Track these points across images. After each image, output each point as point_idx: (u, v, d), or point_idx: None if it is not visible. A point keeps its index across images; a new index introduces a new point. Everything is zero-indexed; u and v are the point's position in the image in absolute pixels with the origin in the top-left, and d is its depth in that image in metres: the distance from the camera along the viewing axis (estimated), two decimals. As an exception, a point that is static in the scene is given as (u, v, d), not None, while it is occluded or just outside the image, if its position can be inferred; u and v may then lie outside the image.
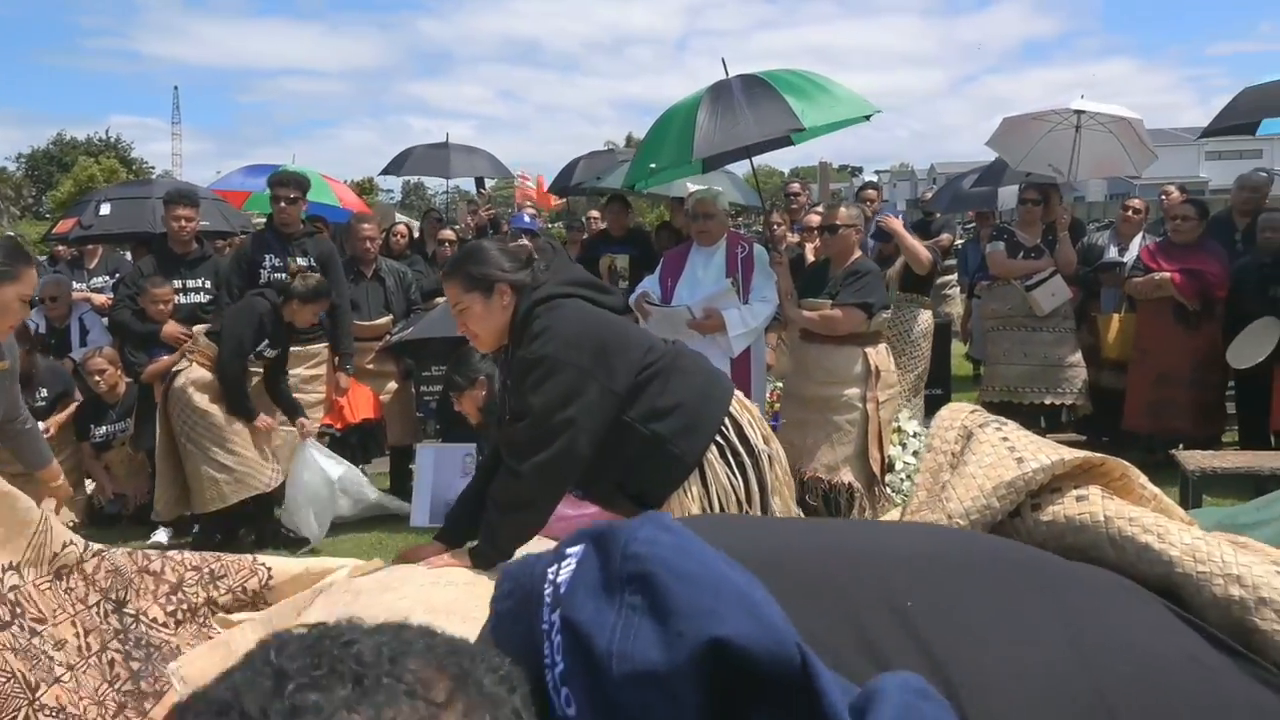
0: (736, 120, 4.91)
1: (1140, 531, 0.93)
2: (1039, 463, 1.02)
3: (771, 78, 5.21)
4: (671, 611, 0.45)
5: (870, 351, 4.83)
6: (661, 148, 5.26)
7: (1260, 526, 2.78)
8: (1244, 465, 4.26)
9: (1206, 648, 0.81)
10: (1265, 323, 5.61)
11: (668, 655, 0.44)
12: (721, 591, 0.46)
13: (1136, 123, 6.41)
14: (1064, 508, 1.00)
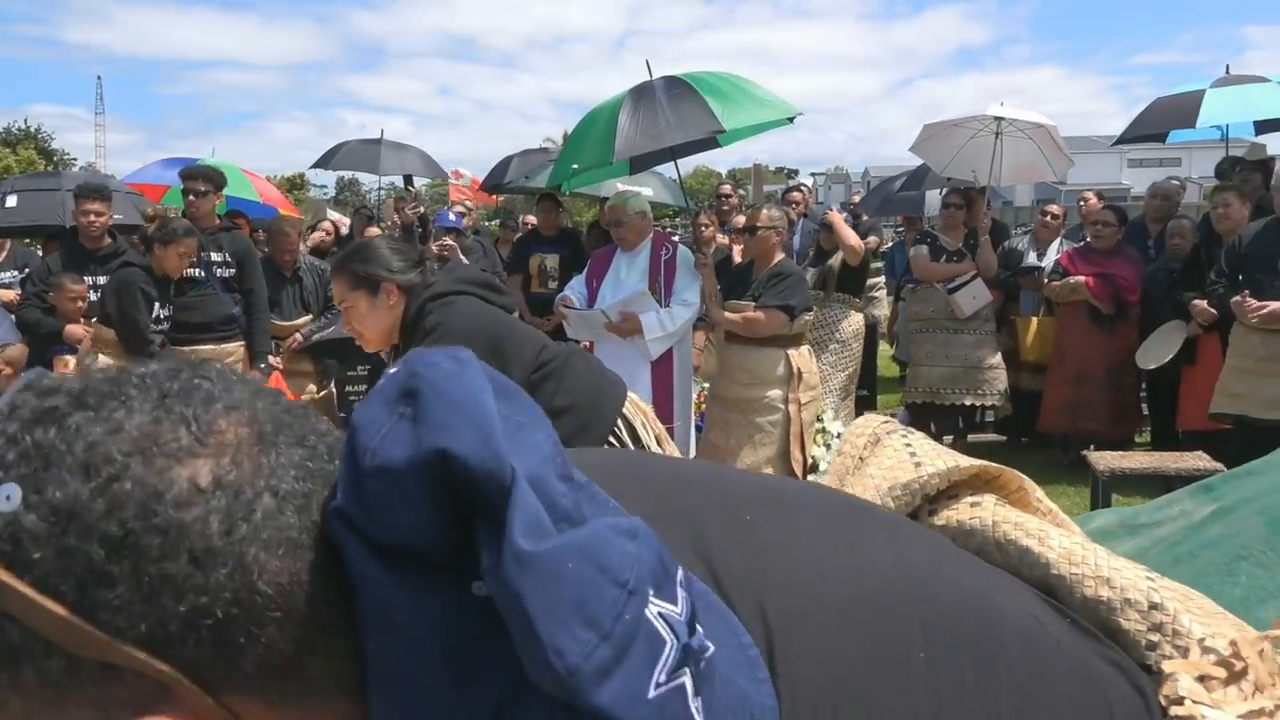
0: (657, 121, 4.95)
1: (1023, 535, 0.96)
2: (935, 468, 1.03)
3: (694, 80, 5.25)
4: (422, 421, 0.51)
5: (792, 353, 4.86)
6: (584, 148, 5.29)
7: (1157, 526, 2.86)
8: (1151, 466, 4.38)
9: (1052, 614, 0.82)
10: (1172, 326, 5.78)
11: (406, 456, 0.50)
12: (465, 412, 0.51)
13: (1053, 129, 6.57)
14: (957, 513, 1.02)
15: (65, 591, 0.48)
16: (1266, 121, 7.12)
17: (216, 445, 0.52)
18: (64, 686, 0.50)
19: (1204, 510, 2.71)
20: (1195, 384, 5.66)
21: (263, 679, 0.52)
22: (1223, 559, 2.45)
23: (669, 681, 0.51)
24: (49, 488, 0.49)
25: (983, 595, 0.77)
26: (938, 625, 0.69)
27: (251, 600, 0.50)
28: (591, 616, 0.49)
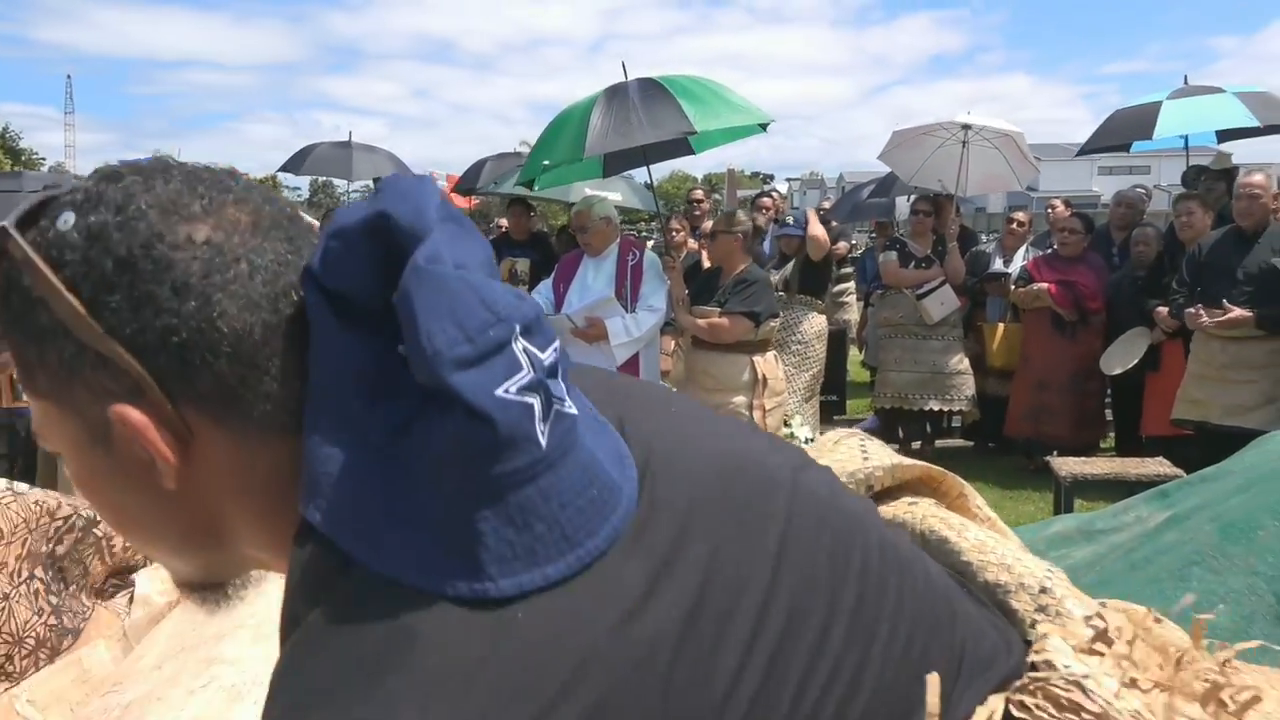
0: (629, 120, 4.98)
1: (944, 528, 1.03)
2: (881, 463, 1.14)
3: (668, 82, 5.27)
4: (374, 196, 0.67)
5: (758, 360, 4.87)
6: (556, 146, 5.30)
7: (1114, 532, 2.88)
8: (1112, 472, 4.41)
9: (943, 574, 0.90)
10: (1136, 332, 5.83)
11: (357, 218, 0.65)
12: (409, 194, 0.65)
13: (1019, 136, 6.62)
14: (894, 509, 1.09)
15: (83, 290, 0.65)
16: (1229, 130, 7.20)
17: (217, 219, 0.67)
18: (73, 369, 0.67)
19: (1159, 517, 2.74)
20: (1159, 390, 5.71)
21: (213, 401, 0.67)
22: (1176, 565, 2.47)
23: (519, 396, 0.63)
24: (90, 216, 0.66)
25: (864, 514, 0.86)
26: (805, 515, 0.78)
27: (211, 334, 0.65)
28: (462, 322, 0.62)
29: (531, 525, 0.64)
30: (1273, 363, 4.94)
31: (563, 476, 0.66)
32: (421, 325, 0.61)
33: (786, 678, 0.69)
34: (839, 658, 0.72)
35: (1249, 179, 5.30)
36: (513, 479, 0.64)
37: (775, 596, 0.71)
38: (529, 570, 0.64)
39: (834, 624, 0.73)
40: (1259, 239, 5.07)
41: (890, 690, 0.75)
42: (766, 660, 0.69)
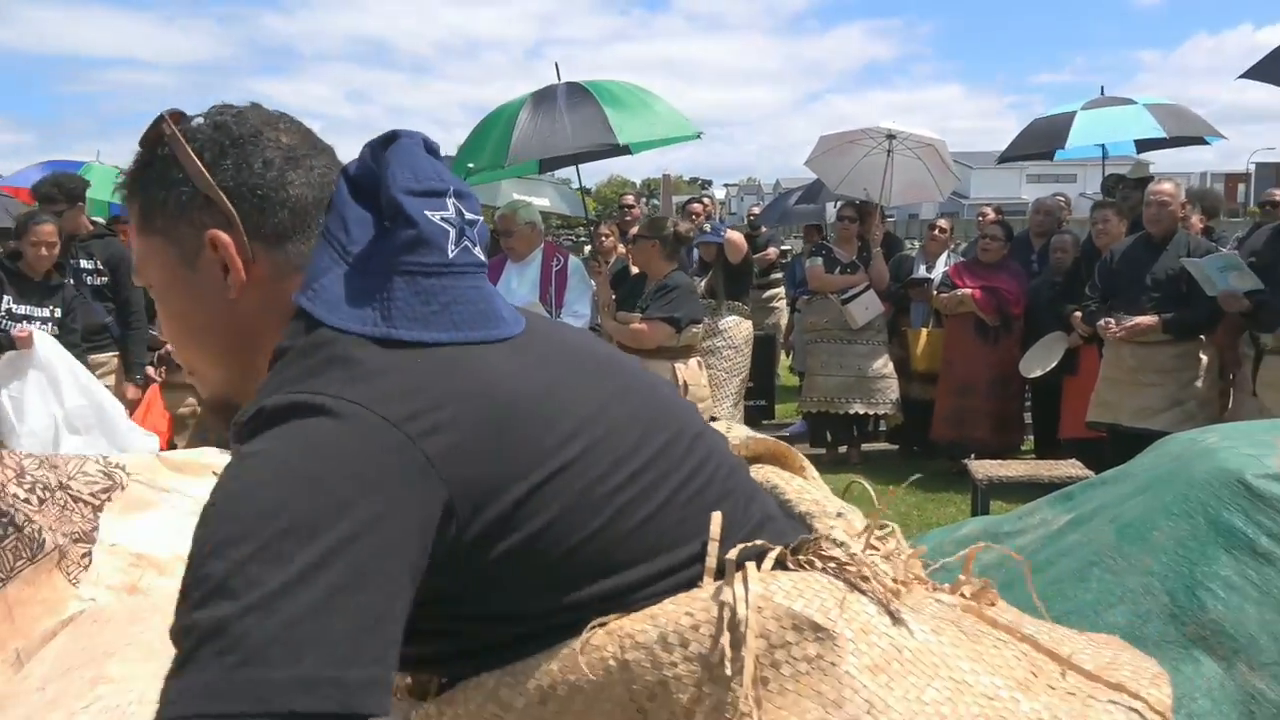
0: (554, 128, 4.99)
1: (778, 479, 1.27)
2: (739, 435, 1.37)
3: (596, 89, 5.28)
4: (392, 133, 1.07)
5: (680, 366, 4.87)
6: (482, 149, 5.30)
7: (1019, 535, 2.93)
8: (1027, 474, 4.48)
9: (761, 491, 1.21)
10: (1053, 337, 5.96)
11: (378, 139, 1.06)
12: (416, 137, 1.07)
13: (941, 145, 6.73)
14: (756, 475, 1.29)
15: (205, 156, 1.01)
16: (1147, 141, 7.41)
17: (291, 134, 1.06)
18: (185, 209, 1.02)
19: (1062, 519, 2.79)
20: (1076, 393, 5.83)
21: (272, 240, 1.03)
22: (1076, 566, 2.52)
23: (439, 221, 1.01)
24: (216, 118, 1.04)
25: (697, 416, 1.18)
26: (644, 384, 1.13)
27: (281, 194, 1.02)
28: (415, 172, 1.02)
29: (429, 303, 0.98)
30: (1179, 366, 5.08)
31: (461, 285, 1.01)
32: (391, 168, 1.02)
33: (597, 462, 0.98)
34: (639, 470, 1.01)
35: (1158, 187, 5.45)
36: (423, 269, 0.99)
37: (602, 412, 1.02)
38: (424, 331, 0.97)
39: (642, 448, 1.02)
40: (1167, 246, 5.21)
41: (675, 514, 1.02)
42: (582, 448, 0.98)
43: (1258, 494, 2.29)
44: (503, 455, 0.94)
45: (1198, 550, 2.30)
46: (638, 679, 0.95)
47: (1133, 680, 0.99)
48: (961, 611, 1.07)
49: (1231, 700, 2.08)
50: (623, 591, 0.98)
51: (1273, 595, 2.16)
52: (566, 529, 0.95)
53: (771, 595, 0.97)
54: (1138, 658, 1.06)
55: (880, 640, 0.98)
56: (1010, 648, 1.03)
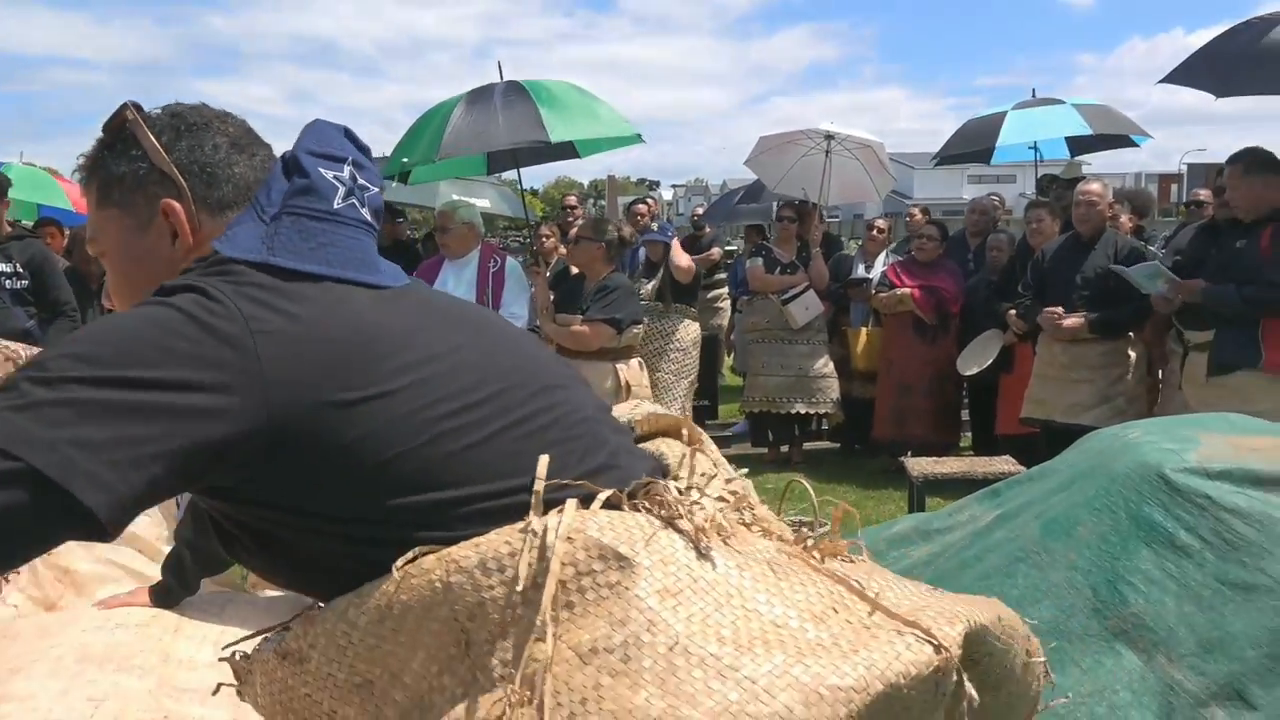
0: (488, 125, 5.00)
1: (669, 451, 1.38)
2: (646, 411, 1.49)
3: (533, 87, 5.28)
4: None
5: (621, 366, 4.86)
6: (417, 144, 5.30)
7: (949, 531, 2.95)
8: (961, 471, 4.54)
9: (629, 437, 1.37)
10: (989, 335, 6.04)
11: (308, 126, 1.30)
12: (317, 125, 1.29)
13: (878, 147, 6.80)
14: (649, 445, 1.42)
15: (162, 138, 1.20)
16: (1080, 142, 7.55)
17: (238, 127, 1.26)
18: (142, 183, 1.20)
19: (990, 515, 2.82)
20: (1011, 391, 5.91)
21: (215, 208, 1.21)
22: (1003, 561, 2.55)
23: (331, 180, 1.21)
24: (173, 109, 1.24)
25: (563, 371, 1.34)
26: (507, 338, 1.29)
27: (226, 171, 1.22)
28: (320, 140, 1.23)
29: (308, 241, 1.17)
30: (1108, 363, 5.17)
31: (341, 233, 1.19)
32: (302, 137, 1.24)
33: (430, 392, 1.11)
34: (473, 404, 1.14)
35: (1086, 187, 5.55)
36: (308, 212, 1.18)
37: (452, 354, 1.16)
38: (299, 262, 1.15)
39: (482, 387, 1.16)
40: (1095, 245, 5.31)
41: (505, 447, 1.14)
42: (417, 379, 1.11)
43: (1177, 488, 2.33)
44: (331, 367, 1.07)
45: (1119, 545, 2.33)
46: (460, 600, 1.05)
47: (930, 619, 1.07)
48: (789, 557, 1.16)
49: (1151, 691, 2.11)
50: (441, 507, 1.10)
51: (1191, 588, 2.20)
52: (386, 441, 1.08)
53: (585, 528, 1.07)
54: (958, 604, 1.14)
55: (678, 569, 1.06)
56: (817, 586, 1.11)
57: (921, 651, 1.02)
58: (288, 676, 1.17)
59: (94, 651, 2.11)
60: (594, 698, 0.98)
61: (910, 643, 1.03)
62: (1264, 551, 2.17)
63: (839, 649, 1.02)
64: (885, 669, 0.99)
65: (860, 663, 1.00)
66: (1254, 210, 4.37)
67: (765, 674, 0.98)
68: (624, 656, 1.00)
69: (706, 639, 1.01)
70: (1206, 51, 4.96)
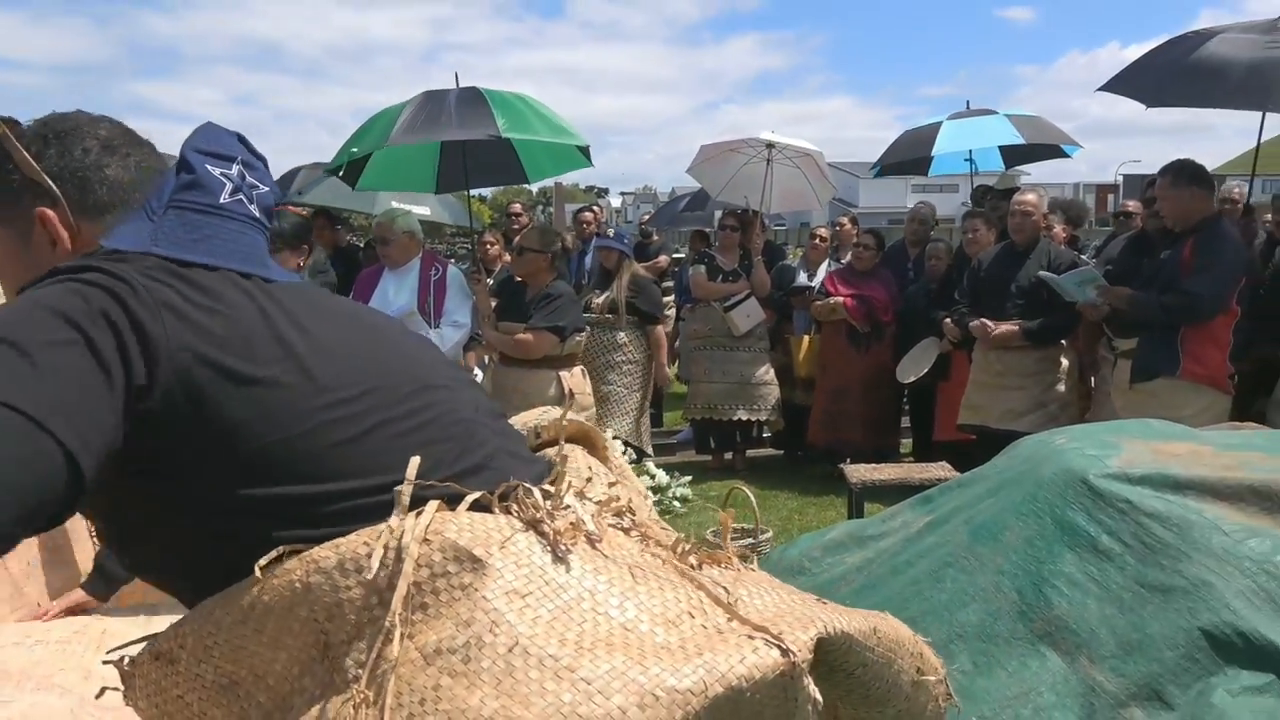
0: (439, 118, 5.07)
1: (571, 458, 1.37)
2: (548, 419, 1.50)
3: (489, 93, 5.33)
4: None
5: (564, 375, 4.86)
6: (366, 137, 5.36)
7: (882, 538, 2.99)
8: (898, 477, 4.60)
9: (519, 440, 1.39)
10: (928, 342, 6.13)
11: None
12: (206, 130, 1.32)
13: (818, 156, 6.88)
14: (547, 452, 1.42)
15: (32, 148, 1.22)
16: (1013, 153, 7.71)
17: (110, 130, 1.27)
18: (19, 195, 1.22)
19: (921, 521, 2.86)
20: (949, 397, 6.01)
21: (92, 212, 1.23)
22: (933, 567, 2.59)
23: (219, 176, 1.24)
24: (45, 120, 1.26)
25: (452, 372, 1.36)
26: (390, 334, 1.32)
27: (98, 175, 1.23)
28: (209, 140, 1.26)
29: (193, 233, 1.20)
30: (1041, 370, 5.29)
31: (227, 226, 1.23)
32: (191, 136, 1.26)
33: (304, 385, 1.12)
34: (348, 399, 1.15)
35: (1021, 197, 5.67)
36: (193, 206, 1.22)
37: (335, 350, 1.18)
38: (183, 252, 1.18)
39: (360, 384, 1.17)
40: (1030, 255, 5.42)
41: (377, 445, 1.14)
42: (291, 369, 1.13)
43: (1099, 493, 2.39)
44: (229, 340, 1.10)
45: (1044, 549, 2.38)
46: (319, 601, 1.06)
47: (785, 624, 1.09)
48: (663, 563, 1.18)
49: (1074, 693, 2.16)
50: (311, 501, 1.10)
51: (1112, 591, 2.25)
52: (268, 427, 1.09)
53: (444, 530, 1.08)
54: (823, 611, 1.16)
55: (530, 572, 1.08)
56: (676, 591, 1.12)
57: (767, 655, 1.03)
58: (161, 678, 1.17)
59: (11, 668, 2.06)
60: (432, 698, 0.99)
61: (757, 646, 1.04)
62: (1181, 554, 2.23)
63: (683, 652, 1.02)
64: (726, 672, 1.00)
65: (701, 665, 1.00)
66: (1182, 220, 4.49)
67: (602, 675, 0.98)
68: (465, 657, 1.01)
69: (548, 640, 1.01)
70: (1141, 63, 5.11)
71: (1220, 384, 4.42)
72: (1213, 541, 2.21)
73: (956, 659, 2.29)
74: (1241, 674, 2.03)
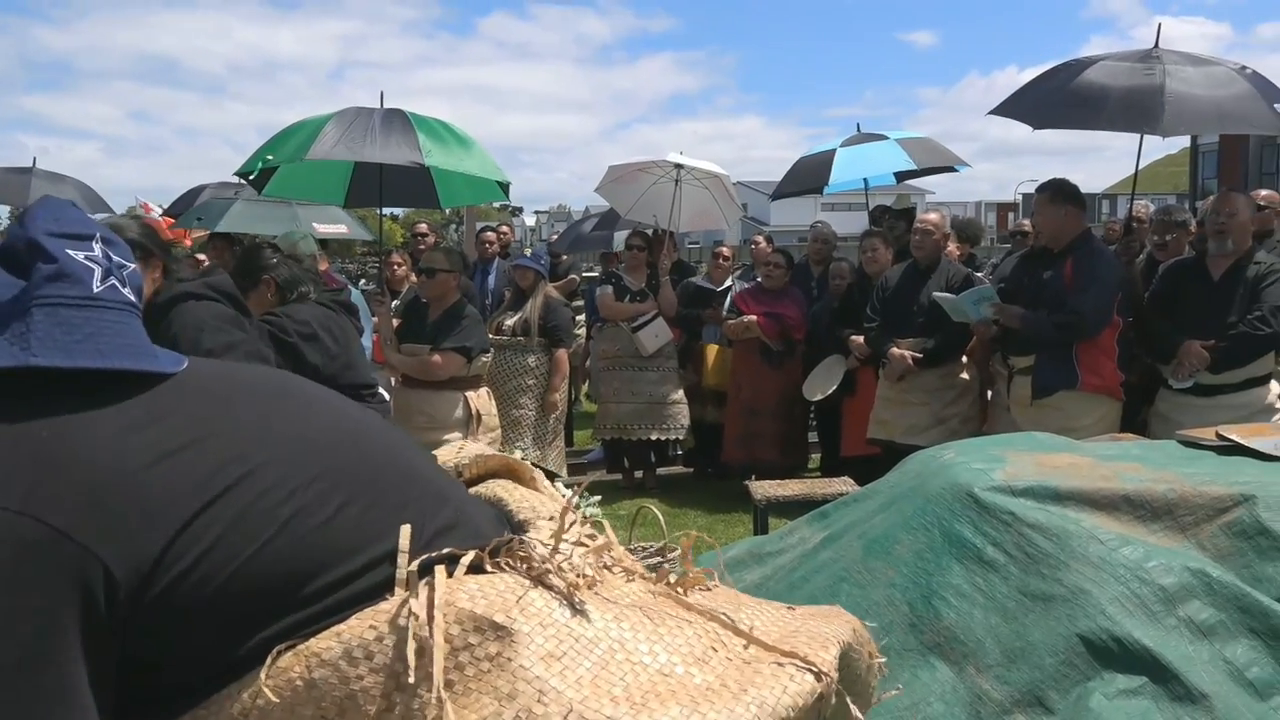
0: (363, 139, 5.01)
1: (502, 492, 1.34)
2: (470, 453, 1.43)
3: (415, 118, 5.31)
4: None
5: (471, 395, 4.83)
6: (285, 145, 5.28)
7: (780, 554, 3.03)
8: (802, 493, 4.65)
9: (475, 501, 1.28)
10: (833, 360, 6.25)
11: None
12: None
13: (725, 178, 6.98)
14: (478, 490, 1.37)
15: None
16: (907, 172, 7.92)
17: None
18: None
19: (818, 536, 2.90)
20: (854, 413, 6.13)
21: None
22: (828, 581, 2.62)
23: (83, 260, 1.04)
24: None
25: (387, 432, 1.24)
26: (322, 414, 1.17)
27: None
28: (58, 218, 1.06)
29: (72, 333, 1.00)
30: (942, 386, 5.44)
31: (106, 319, 1.04)
32: (33, 217, 1.04)
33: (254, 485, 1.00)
34: (306, 484, 1.03)
35: (924, 216, 5.84)
36: (64, 300, 1.01)
37: (265, 436, 1.05)
38: (67, 358, 0.99)
39: (309, 465, 1.05)
40: (932, 273, 5.58)
41: (350, 522, 1.04)
42: (238, 475, 1.00)
43: (984, 506, 2.46)
44: (146, 508, 0.95)
45: (934, 561, 2.43)
46: (326, 695, 0.97)
47: (805, 646, 1.11)
48: (658, 597, 1.16)
49: (962, 702, 2.21)
50: (295, 596, 1.00)
51: (997, 600, 2.31)
52: (232, 549, 0.97)
53: (455, 600, 1.01)
54: (823, 625, 1.19)
55: (558, 631, 1.03)
56: (693, 627, 1.11)
57: (805, 681, 1.06)
58: None
59: None
60: None
61: (793, 674, 1.06)
62: (1061, 563, 2.30)
63: (728, 691, 1.03)
64: (776, 705, 1.02)
65: (752, 703, 1.01)
66: (1057, 239, 4.67)
67: None
68: None
69: (600, 701, 0.98)
70: (1028, 88, 5.31)
71: (1115, 392, 4.61)
72: (1090, 550, 2.28)
73: (851, 673, 2.33)
74: (1117, 678, 2.10)
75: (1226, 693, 2.03)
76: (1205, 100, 4.59)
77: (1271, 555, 2.24)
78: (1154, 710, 2.02)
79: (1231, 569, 2.26)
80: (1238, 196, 4.68)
